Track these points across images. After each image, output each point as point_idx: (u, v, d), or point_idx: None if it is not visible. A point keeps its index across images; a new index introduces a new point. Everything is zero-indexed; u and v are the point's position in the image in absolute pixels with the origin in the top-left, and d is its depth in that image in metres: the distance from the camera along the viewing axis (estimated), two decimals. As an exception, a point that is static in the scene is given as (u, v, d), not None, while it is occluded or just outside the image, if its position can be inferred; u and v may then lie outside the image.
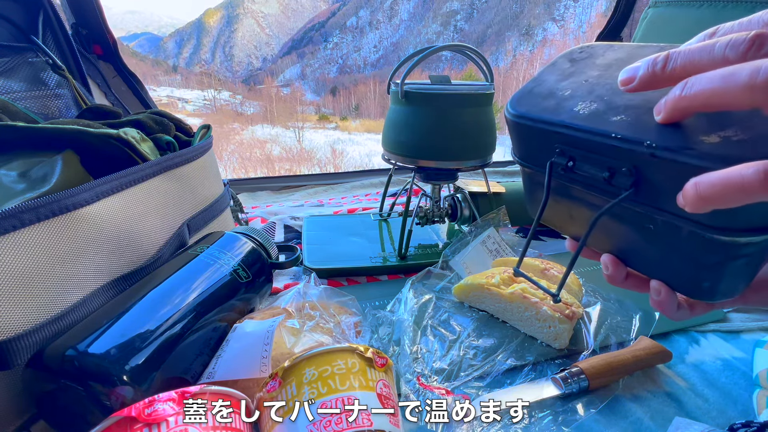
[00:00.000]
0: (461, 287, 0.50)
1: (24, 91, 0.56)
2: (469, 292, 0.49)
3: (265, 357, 0.34)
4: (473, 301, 0.50)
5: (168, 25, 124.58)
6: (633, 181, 0.23)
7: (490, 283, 0.47)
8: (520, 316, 0.45)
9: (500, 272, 0.49)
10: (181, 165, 0.47)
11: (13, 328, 0.29)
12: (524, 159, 0.31)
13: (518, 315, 0.45)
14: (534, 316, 0.44)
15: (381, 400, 0.29)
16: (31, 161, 0.37)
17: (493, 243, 0.58)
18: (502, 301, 0.46)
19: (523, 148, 0.31)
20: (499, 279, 0.48)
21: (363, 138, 30.33)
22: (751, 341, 0.47)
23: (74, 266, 0.33)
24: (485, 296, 0.48)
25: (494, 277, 0.48)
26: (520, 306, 0.45)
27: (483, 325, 0.47)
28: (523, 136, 0.30)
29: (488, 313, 0.49)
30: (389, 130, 0.58)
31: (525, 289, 0.46)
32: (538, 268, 0.50)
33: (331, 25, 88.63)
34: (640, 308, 0.48)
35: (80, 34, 0.78)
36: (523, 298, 0.45)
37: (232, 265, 0.42)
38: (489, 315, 0.49)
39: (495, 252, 0.57)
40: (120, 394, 0.28)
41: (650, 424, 0.36)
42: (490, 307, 0.48)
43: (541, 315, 0.44)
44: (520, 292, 0.45)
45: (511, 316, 0.46)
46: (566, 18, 59.53)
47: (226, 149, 26.33)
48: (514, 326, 0.47)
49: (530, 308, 0.44)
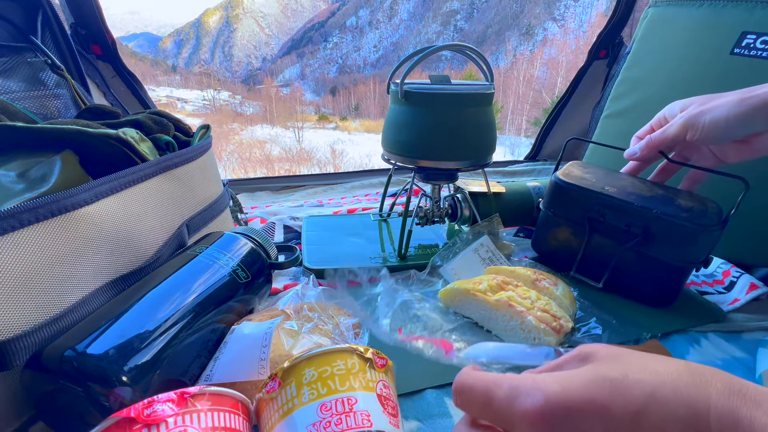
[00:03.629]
0: (447, 291, 0.49)
1: (23, 91, 0.56)
2: (454, 296, 0.48)
3: (264, 359, 0.33)
4: (458, 307, 0.48)
5: (167, 25, 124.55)
6: (643, 230, 0.48)
7: (476, 289, 0.46)
8: (504, 326, 0.44)
9: (489, 279, 0.48)
10: (181, 165, 0.46)
11: (12, 328, 0.29)
12: (560, 214, 0.55)
13: (503, 324, 0.44)
14: (519, 326, 0.43)
15: (381, 400, 0.29)
16: (30, 161, 0.37)
17: (486, 251, 0.57)
18: (487, 308, 0.45)
19: (564, 206, 0.55)
20: (487, 285, 0.46)
21: (363, 138, 30.33)
22: (751, 341, 0.46)
23: (73, 267, 0.33)
24: (470, 302, 0.46)
25: (482, 283, 0.47)
26: (505, 314, 0.44)
27: (467, 330, 0.46)
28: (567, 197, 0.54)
29: (473, 320, 0.47)
30: (389, 130, 0.58)
31: (512, 298, 0.44)
32: (529, 279, 0.49)
33: (330, 25, 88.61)
34: (640, 326, 0.47)
35: (79, 34, 0.78)
36: (509, 306, 0.43)
37: (232, 265, 0.42)
38: (473, 322, 0.47)
39: (488, 261, 0.56)
40: (119, 395, 0.28)
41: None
42: (474, 314, 0.47)
43: (526, 325, 0.42)
44: (506, 299, 0.44)
45: (495, 325, 0.45)
46: (566, 18, 59.53)
47: (226, 149, 26.33)
48: (499, 335, 0.45)
49: (515, 317, 0.43)
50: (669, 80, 0.67)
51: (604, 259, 0.52)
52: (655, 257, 0.48)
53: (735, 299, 0.53)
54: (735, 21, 0.61)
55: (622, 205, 0.49)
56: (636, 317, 0.49)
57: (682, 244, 0.46)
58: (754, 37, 0.58)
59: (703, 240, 0.45)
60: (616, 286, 0.53)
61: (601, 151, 0.79)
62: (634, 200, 0.49)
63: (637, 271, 0.50)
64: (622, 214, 0.49)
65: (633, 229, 0.48)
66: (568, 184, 0.53)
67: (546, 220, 0.57)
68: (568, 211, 0.54)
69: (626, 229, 0.49)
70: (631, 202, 0.48)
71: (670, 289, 0.49)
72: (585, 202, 0.52)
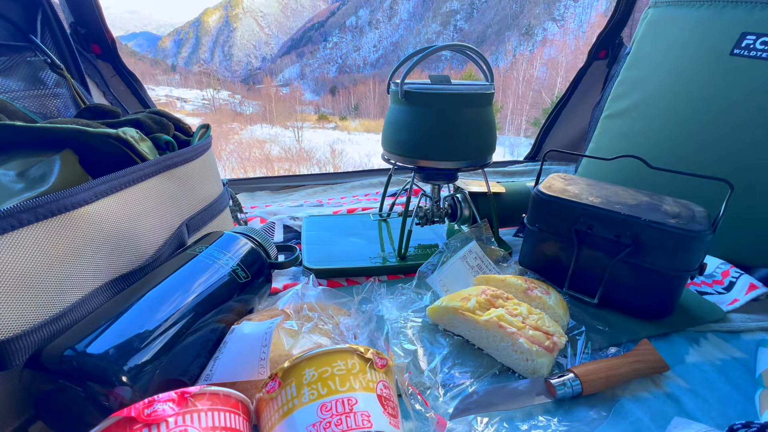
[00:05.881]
0: (435, 309, 0.46)
1: (22, 90, 0.56)
2: (443, 315, 0.46)
3: (264, 359, 0.33)
4: (448, 325, 0.46)
5: (167, 24, 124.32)
6: (633, 240, 0.47)
7: (465, 308, 0.43)
8: (496, 346, 0.42)
9: (477, 294, 0.45)
10: (180, 165, 0.46)
11: (12, 328, 0.29)
12: (545, 228, 0.53)
13: (494, 344, 0.42)
14: (510, 347, 0.41)
15: (381, 401, 0.29)
16: (30, 161, 0.37)
17: (475, 258, 0.55)
18: (477, 328, 0.43)
19: (549, 220, 0.53)
20: (476, 303, 0.44)
21: (362, 138, 30.30)
22: (751, 341, 0.47)
23: (73, 266, 0.33)
24: (460, 321, 0.44)
25: (470, 300, 0.44)
26: (495, 335, 0.42)
27: (457, 352, 0.44)
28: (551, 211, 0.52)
29: (464, 338, 0.45)
30: (389, 129, 0.58)
31: (501, 317, 0.42)
32: (521, 288, 0.48)
33: (330, 25, 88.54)
34: (629, 331, 0.47)
35: (79, 33, 0.78)
36: (499, 327, 0.41)
37: (231, 265, 0.42)
38: (465, 340, 0.45)
39: (477, 268, 0.54)
40: (119, 395, 0.28)
41: (650, 425, 0.36)
42: (465, 333, 0.45)
43: (518, 347, 0.40)
44: (495, 320, 0.42)
45: (487, 344, 0.43)
46: (566, 18, 59.52)
47: (225, 149, 26.30)
48: (491, 354, 0.43)
49: (506, 339, 0.41)
50: (669, 80, 0.67)
51: (596, 273, 0.50)
52: (649, 267, 0.47)
53: (734, 299, 0.53)
54: (735, 22, 0.61)
55: (609, 215, 0.48)
56: (632, 322, 0.49)
57: (675, 251, 0.45)
58: (754, 38, 0.58)
59: (695, 246, 0.44)
60: (611, 301, 0.51)
61: (598, 155, 0.79)
62: (620, 209, 0.48)
63: (632, 283, 0.48)
64: (609, 225, 0.48)
65: (623, 239, 0.47)
66: (550, 197, 0.51)
67: (532, 235, 0.55)
68: (553, 224, 0.52)
69: (615, 239, 0.47)
70: (617, 212, 0.47)
71: (666, 299, 0.48)
72: (570, 214, 0.50)
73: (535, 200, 0.53)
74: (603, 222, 0.48)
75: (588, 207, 0.49)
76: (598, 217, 0.49)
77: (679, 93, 0.66)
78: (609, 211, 0.48)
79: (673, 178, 0.52)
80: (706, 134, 0.62)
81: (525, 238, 0.57)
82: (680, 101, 0.65)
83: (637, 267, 0.48)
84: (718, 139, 0.61)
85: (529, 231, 0.55)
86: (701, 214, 0.47)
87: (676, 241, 0.44)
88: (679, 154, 0.64)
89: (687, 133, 0.64)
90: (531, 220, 0.55)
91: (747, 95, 0.59)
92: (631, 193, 0.52)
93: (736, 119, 0.59)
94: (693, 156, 0.63)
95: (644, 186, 0.55)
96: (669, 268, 0.46)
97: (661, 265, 0.46)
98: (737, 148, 0.59)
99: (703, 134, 0.62)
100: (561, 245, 0.53)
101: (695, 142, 0.63)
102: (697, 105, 0.63)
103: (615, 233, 0.47)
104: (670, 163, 0.53)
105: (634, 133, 0.71)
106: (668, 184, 0.56)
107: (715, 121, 0.61)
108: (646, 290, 0.48)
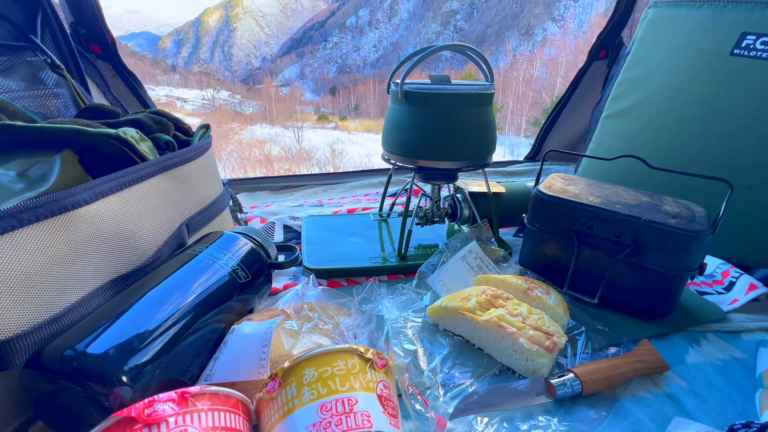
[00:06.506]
0: (435, 309, 0.46)
1: (22, 90, 0.56)
2: (443, 315, 0.46)
3: (264, 359, 0.33)
4: (448, 325, 0.46)
5: (166, 24, 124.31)
6: (633, 240, 0.47)
7: (465, 308, 0.44)
8: (496, 346, 0.42)
9: (477, 294, 0.45)
10: (180, 165, 0.46)
11: (12, 328, 0.29)
12: (545, 228, 0.53)
13: (494, 344, 0.42)
14: (510, 347, 0.41)
15: (381, 401, 0.29)
16: (30, 161, 0.37)
17: (475, 258, 0.55)
18: (478, 328, 0.43)
19: (549, 220, 0.53)
20: (476, 303, 0.44)
21: (362, 138, 30.31)
22: (751, 342, 0.47)
23: (73, 266, 0.33)
24: (460, 321, 0.44)
25: (470, 300, 0.44)
26: (495, 335, 0.42)
27: (457, 352, 0.44)
28: (551, 211, 0.52)
29: (464, 338, 0.45)
30: (389, 129, 0.58)
31: (501, 317, 0.42)
32: (521, 288, 0.48)
33: (330, 25, 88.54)
34: (629, 331, 0.47)
35: (79, 33, 0.78)
36: (499, 327, 0.41)
37: (231, 265, 0.42)
38: (465, 340, 0.45)
39: (477, 268, 0.54)
40: (119, 395, 0.28)
41: (650, 425, 0.36)
42: (465, 333, 0.45)
43: (518, 347, 0.40)
44: (495, 320, 0.42)
45: (487, 345, 0.43)
46: (566, 18, 59.53)
47: (225, 149, 26.30)
48: (491, 354, 0.43)
49: (506, 339, 0.41)
50: (669, 80, 0.67)
51: (596, 273, 0.50)
52: (649, 267, 0.47)
53: (734, 299, 0.53)
54: (735, 22, 0.61)
55: (609, 215, 0.48)
56: (633, 322, 0.49)
57: (675, 251, 0.45)
58: (754, 38, 0.58)
59: (695, 246, 0.44)
60: (611, 301, 0.51)
61: (598, 155, 0.79)
62: (620, 209, 0.48)
63: (632, 283, 0.49)
64: (609, 225, 0.48)
65: (623, 239, 0.47)
66: (550, 197, 0.51)
67: (532, 235, 0.55)
68: (553, 225, 0.52)
69: (616, 240, 0.48)
70: (617, 212, 0.47)
71: (666, 300, 0.48)
72: (570, 214, 0.50)
73: (535, 200, 0.53)
74: (603, 222, 0.48)
75: (588, 207, 0.49)
76: (599, 217, 0.49)
77: (679, 93, 0.66)
78: (609, 211, 0.48)
79: (673, 178, 0.52)
80: (706, 134, 0.62)
81: (525, 238, 0.57)
82: (680, 101, 0.65)
83: (637, 267, 0.48)
84: (718, 139, 0.61)
85: (529, 231, 0.55)
86: (701, 214, 0.47)
87: (676, 241, 0.45)
88: (679, 154, 0.64)
89: (687, 133, 0.64)
90: (531, 220, 0.55)
91: (747, 95, 0.59)
92: (631, 193, 0.52)
93: (736, 119, 0.59)
94: (693, 156, 0.63)
95: (644, 186, 0.55)
96: (669, 268, 0.46)
97: (661, 265, 0.46)
98: (737, 148, 0.59)
99: (703, 134, 0.62)
100: (561, 245, 0.53)
101: (695, 142, 0.63)
102: (697, 105, 0.63)
103: (615, 233, 0.48)
104: (670, 163, 0.53)
105: (634, 133, 0.71)
106: (668, 184, 0.56)
107: (715, 121, 0.61)
108: (646, 290, 0.48)
